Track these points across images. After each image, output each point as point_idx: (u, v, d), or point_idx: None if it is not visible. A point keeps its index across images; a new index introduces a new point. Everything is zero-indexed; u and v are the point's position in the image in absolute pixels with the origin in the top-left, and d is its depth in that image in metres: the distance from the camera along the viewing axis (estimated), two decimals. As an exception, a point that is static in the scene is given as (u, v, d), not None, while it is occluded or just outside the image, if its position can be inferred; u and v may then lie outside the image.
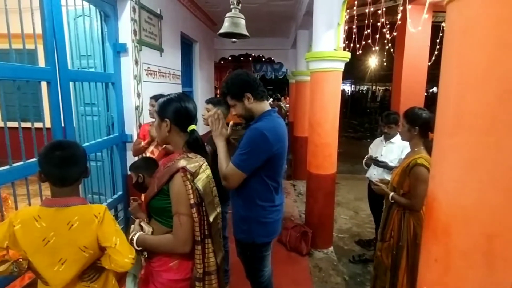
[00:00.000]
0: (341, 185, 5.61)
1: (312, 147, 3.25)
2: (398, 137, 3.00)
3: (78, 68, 2.70)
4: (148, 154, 2.61)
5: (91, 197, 2.73)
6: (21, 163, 1.83)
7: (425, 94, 5.58)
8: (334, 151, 3.22)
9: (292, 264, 3.08)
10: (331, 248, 3.37)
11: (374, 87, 21.23)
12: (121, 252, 1.22)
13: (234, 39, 2.16)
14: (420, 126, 2.03)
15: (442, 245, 0.71)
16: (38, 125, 1.93)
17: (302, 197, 4.85)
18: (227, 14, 2.01)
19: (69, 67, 2.29)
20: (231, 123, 1.83)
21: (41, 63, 2.05)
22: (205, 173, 1.35)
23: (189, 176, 1.24)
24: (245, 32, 2.04)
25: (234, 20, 1.99)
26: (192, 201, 1.23)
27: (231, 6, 2.01)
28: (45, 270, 1.21)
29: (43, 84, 2.04)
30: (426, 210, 0.81)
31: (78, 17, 2.56)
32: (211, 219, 1.32)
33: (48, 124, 2.04)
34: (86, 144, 2.47)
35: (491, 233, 0.61)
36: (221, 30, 2.03)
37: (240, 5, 2.01)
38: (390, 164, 2.90)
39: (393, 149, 3.01)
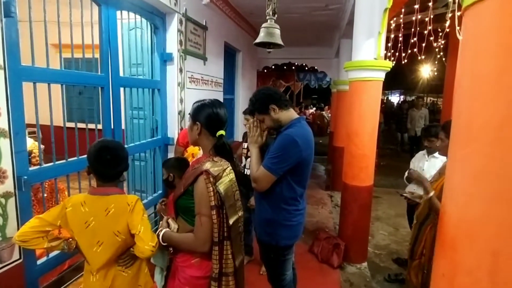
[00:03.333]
0: (382, 200, 5.35)
1: (348, 158, 3.18)
2: (442, 151, 2.83)
3: (130, 75, 2.97)
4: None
5: (134, 194, 2.95)
6: (75, 158, 2.06)
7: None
8: (371, 162, 3.11)
9: (323, 276, 3.01)
10: (365, 264, 3.23)
11: (426, 98, 19.93)
12: (143, 239, 1.34)
13: (269, 49, 2.23)
14: None
15: (448, 260, 0.67)
16: (91, 126, 2.17)
17: (339, 208, 4.72)
18: (263, 25, 2.09)
19: (122, 74, 2.54)
20: (266, 132, 1.90)
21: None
22: (228, 177, 1.39)
23: (211, 179, 1.30)
24: (280, 42, 2.10)
25: (269, 30, 2.06)
26: (212, 203, 1.29)
27: (267, 17, 2.08)
28: (86, 250, 1.39)
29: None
30: (438, 224, 0.78)
31: (132, 29, 2.83)
32: (231, 221, 1.35)
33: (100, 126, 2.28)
34: (131, 144, 2.70)
35: (496, 250, 0.57)
36: (257, 40, 2.12)
37: (276, 15, 2.08)
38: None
39: (436, 164, 2.82)
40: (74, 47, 1.94)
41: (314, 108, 15.70)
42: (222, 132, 1.44)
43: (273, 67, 8.41)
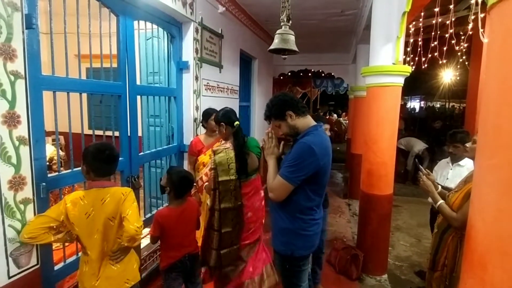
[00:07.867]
0: (403, 209, 5.17)
1: (367, 166, 3.08)
2: (467, 160, 2.68)
3: (147, 84, 3.02)
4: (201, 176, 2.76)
5: (149, 201, 2.97)
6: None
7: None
8: (390, 170, 3.00)
9: None
10: (385, 276, 3.10)
11: (448, 104, 19.28)
12: (129, 220, 1.51)
13: (284, 55, 2.21)
14: None
15: (478, 280, 0.61)
16: (108, 133, 2.21)
17: (357, 217, 4.59)
18: (277, 31, 2.08)
19: (140, 83, 2.58)
20: (283, 142, 1.88)
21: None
22: (226, 153, 2.10)
23: (213, 152, 2.11)
24: (295, 48, 2.07)
25: (283, 37, 2.04)
26: (212, 166, 2.08)
27: (281, 23, 2.07)
28: (87, 239, 1.55)
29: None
30: (465, 239, 0.72)
31: (149, 39, 2.88)
32: (220, 179, 2.05)
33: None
34: (148, 151, 2.73)
35: (532, 270, 0.51)
36: (271, 47, 2.10)
37: (290, 21, 2.06)
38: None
39: (461, 173, 2.67)
40: (93, 57, 1.99)
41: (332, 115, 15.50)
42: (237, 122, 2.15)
43: (289, 73, 8.38)
